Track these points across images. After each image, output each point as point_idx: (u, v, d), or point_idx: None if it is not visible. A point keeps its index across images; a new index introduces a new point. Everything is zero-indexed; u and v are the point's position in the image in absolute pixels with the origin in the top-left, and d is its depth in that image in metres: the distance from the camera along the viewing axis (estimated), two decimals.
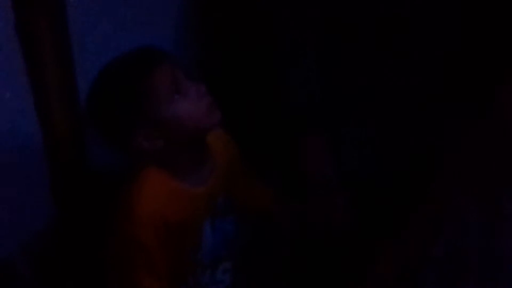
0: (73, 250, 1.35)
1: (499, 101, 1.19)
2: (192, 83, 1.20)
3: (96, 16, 1.28)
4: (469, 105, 1.36)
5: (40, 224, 1.30)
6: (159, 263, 1.18)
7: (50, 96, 1.21)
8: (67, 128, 1.26)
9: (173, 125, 1.17)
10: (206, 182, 1.27)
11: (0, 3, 1.10)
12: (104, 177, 1.37)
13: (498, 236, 1.16)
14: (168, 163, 1.21)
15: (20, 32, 1.14)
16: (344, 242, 1.40)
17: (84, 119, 1.29)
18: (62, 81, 1.22)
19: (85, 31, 1.26)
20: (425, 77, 1.40)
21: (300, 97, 1.36)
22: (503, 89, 1.19)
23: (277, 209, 1.45)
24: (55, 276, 1.35)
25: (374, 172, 1.44)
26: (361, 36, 1.34)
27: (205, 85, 1.20)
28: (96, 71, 1.22)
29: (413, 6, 1.31)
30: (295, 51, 1.34)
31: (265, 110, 1.56)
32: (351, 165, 1.44)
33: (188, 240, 1.25)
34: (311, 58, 1.35)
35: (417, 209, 1.27)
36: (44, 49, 1.17)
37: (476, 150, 1.23)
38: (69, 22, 1.20)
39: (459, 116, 1.39)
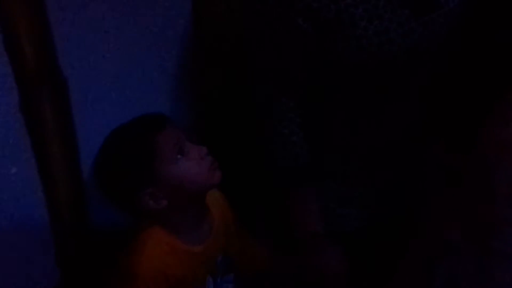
0: None
1: (481, 140, 1.21)
2: (194, 145, 1.27)
3: (97, 93, 1.33)
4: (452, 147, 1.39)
5: None
6: None
7: (54, 168, 1.26)
8: (70, 199, 1.31)
9: (177, 184, 1.24)
10: (204, 241, 1.32)
11: (5, 85, 1.16)
12: (106, 240, 1.40)
13: (490, 273, 1.16)
14: (170, 222, 1.27)
15: (24, 111, 1.20)
16: None
17: (86, 186, 1.33)
18: (65, 155, 1.27)
19: (87, 106, 1.32)
20: (408, 128, 1.43)
21: (285, 158, 1.38)
22: (484, 128, 1.21)
23: (273, 266, 1.48)
24: None
25: (361, 226, 1.47)
26: (344, 89, 1.37)
27: (206, 147, 1.27)
28: (97, 144, 1.29)
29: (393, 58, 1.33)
30: (279, 112, 1.37)
31: (256, 168, 1.60)
32: (338, 221, 1.46)
33: None
34: (294, 119, 1.37)
35: (407, 253, 1.29)
36: (48, 125, 1.23)
37: (462, 191, 1.25)
38: (71, 100, 1.26)
39: (442, 160, 1.42)
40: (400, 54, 1.33)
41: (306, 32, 1.29)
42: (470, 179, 1.24)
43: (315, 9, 1.27)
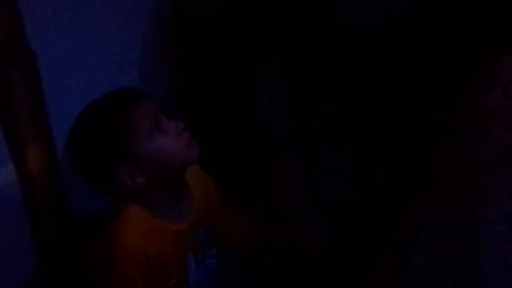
0: None
1: (464, 108, 1.22)
2: (171, 120, 1.23)
3: (68, 66, 1.30)
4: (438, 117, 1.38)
5: (22, 273, 1.29)
6: None
7: (25, 144, 1.22)
8: (44, 176, 1.26)
9: (154, 161, 1.20)
10: (186, 218, 1.29)
11: None
12: (84, 220, 1.37)
13: (472, 239, 1.17)
14: (149, 200, 1.24)
15: None
16: (323, 266, 1.40)
17: (61, 164, 1.29)
18: (36, 130, 1.23)
19: (57, 79, 1.28)
20: (393, 94, 1.41)
21: (265, 128, 1.37)
22: (467, 96, 1.21)
23: (257, 239, 1.46)
24: None
25: (350, 196, 1.45)
26: (327, 57, 1.35)
27: (183, 123, 1.24)
28: (70, 119, 1.25)
29: (378, 25, 1.32)
30: (258, 80, 1.36)
31: (237, 139, 1.58)
32: (326, 191, 1.45)
33: (172, 276, 1.25)
34: (274, 87, 1.36)
35: (394, 224, 1.29)
36: (17, 100, 1.19)
37: (447, 161, 1.24)
38: (41, 73, 1.22)
39: (429, 130, 1.41)
40: (377, 19, 1.31)
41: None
42: (454, 147, 1.24)
43: None
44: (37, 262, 1.32)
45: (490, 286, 1.15)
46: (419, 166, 1.37)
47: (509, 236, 1.14)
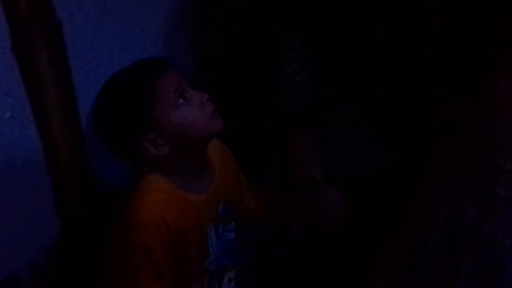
0: (79, 267, 1.36)
1: (487, 92, 1.21)
2: (196, 91, 1.24)
3: (92, 35, 1.30)
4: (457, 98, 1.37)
5: (45, 240, 1.31)
6: (165, 269, 1.20)
7: (50, 113, 1.23)
8: (68, 144, 1.27)
9: (178, 130, 1.21)
10: (206, 190, 1.30)
11: None
12: (107, 190, 1.38)
13: (490, 217, 1.18)
14: (171, 170, 1.25)
15: (17, 52, 1.16)
16: (341, 239, 1.40)
17: (85, 132, 1.30)
18: (61, 98, 1.24)
19: (82, 49, 1.28)
20: (413, 74, 1.41)
21: (286, 97, 1.37)
22: (491, 81, 1.20)
23: (274, 213, 1.46)
24: None
25: (365, 171, 1.45)
26: (347, 34, 1.35)
27: (208, 94, 1.24)
28: (95, 88, 1.26)
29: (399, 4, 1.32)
30: (282, 50, 1.35)
31: (258, 112, 1.57)
32: (342, 164, 1.45)
33: (192, 247, 1.27)
34: (298, 58, 1.36)
35: (413, 200, 1.28)
36: (42, 68, 1.19)
37: (469, 137, 1.25)
38: (66, 41, 1.23)
39: (445, 114, 1.40)
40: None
41: None
42: (472, 129, 1.25)
43: None
44: (60, 229, 1.34)
45: (507, 267, 1.15)
46: (435, 147, 1.36)
47: None
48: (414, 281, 1.29)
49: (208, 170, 1.33)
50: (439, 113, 1.44)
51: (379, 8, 1.31)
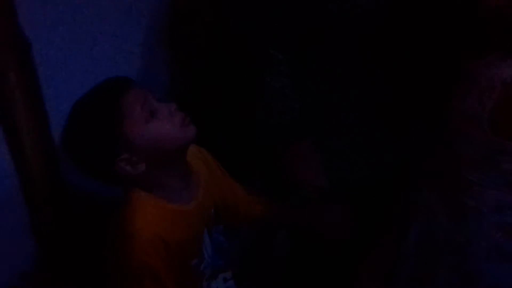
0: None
1: (445, 112, 1.25)
2: (163, 103, 1.23)
3: (64, 52, 1.29)
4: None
5: (22, 262, 1.30)
6: (169, 284, 1.20)
7: (21, 133, 1.22)
8: (41, 164, 1.26)
9: (151, 145, 1.20)
10: (195, 197, 1.29)
11: None
12: (83, 207, 1.38)
13: (462, 226, 1.21)
14: (155, 185, 1.23)
15: None
16: (340, 247, 1.41)
17: (58, 153, 1.29)
18: (32, 118, 1.23)
19: (53, 67, 1.27)
20: (388, 86, 1.43)
21: (279, 112, 1.37)
22: (447, 100, 1.25)
23: (269, 214, 1.46)
24: None
25: (350, 181, 1.46)
26: (330, 44, 1.36)
27: (176, 104, 1.23)
28: (67, 107, 1.24)
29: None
30: (268, 66, 1.36)
31: (236, 124, 1.57)
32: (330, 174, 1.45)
33: (190, 255, 1.27)
34: (284, 72, 1.36)
35: (392, 209, 1.31)
36: (12, 89, 1.18)
37: (440, 153, 1.28)
38: (36, 62, 1.21)
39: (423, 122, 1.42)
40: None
41: None
42: (439, 147, 1.29)
43: None
44: (37, 249, 1.33)
45: (482, 273, 1.17)
46: (412, 159, 1.37)
47: (502, 224, 1.15)
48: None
49: (192, 177, 1.32)
50: (412, 132, 1.46)
51: (356, 19, 1.33)
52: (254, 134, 1.51)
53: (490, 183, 1.16)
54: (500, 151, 1.14)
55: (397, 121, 1.47)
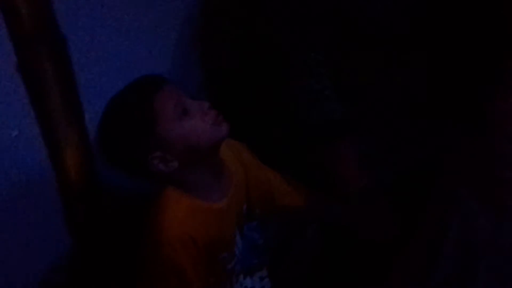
0: (90, 282, 1.36)
1: (486, 110, 1.23)
2: (196, 101, 1.23)
3: (97, 51, 1.30)
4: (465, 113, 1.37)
5: (56, 257, 1.31)
6: (194, 282, 1.20)
7: (57, 129, 1.23)
8: (76, 160, 1.27)
9: (183, 143, 1.20)
10: (227, 194, 1.29)
11: (1, 47, 1.13)
12: (118, 204, 1.39)
13: (502, 227, 1.18)
14: (187, 183, 1.24)
15: (22, 70, 1.16)
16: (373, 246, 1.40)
17: (93, 148, 1.31)
18: (68, 115, 1.24)
19: (88, 64, 1.28)
20: (422, 84, 1.41)
21: (321, 113, 1.36)
22: (488, 99, 1.22)
23: (308, 206, 1.45)
24: None
25: (380, 180, 1.43)
26: (367, 43, 1.35)
27: (209, 102, 1.23)
28: (101, 103, 1.25)
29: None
30: (308, 68, 1.35)
31: (274, 124, 1.57)
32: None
33: (220, 253, 1.27)
34: (324, 73, 1.35)
35: (424, 210, 1.29)
36: (48, 85, 1.19)
37: (475, 152, 1.25)
38: (72, 57, 1.22)
39: (458, 122, 1.40)
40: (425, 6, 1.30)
41: None
42: (477, 145, 1.25)
43: None
44: (71, 244, 1.34)
45: None
46: (447, 159, 1.36)
47: None
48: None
49: (225, 174, 1.32)
50: (442, 130, 1.44)
51: (395, 17, 1.31)
52: (288, 134, 1.51)
53: None
54: None
55: (433, 120, 1.44)
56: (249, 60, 1.58)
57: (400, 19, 1.33)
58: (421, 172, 1.43)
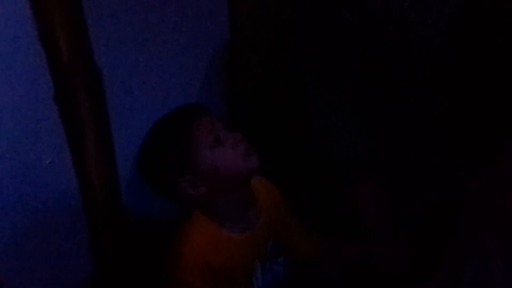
0: None
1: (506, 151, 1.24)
2: (230, 132, 1.29)
3: (131, 82, 1.34)
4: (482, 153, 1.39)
5: (79, 279, 1.34)
6: None
7: (88, 159, 1.27)
8: (104, 189, 1.31)
9: (213, 171, 1.26)
10: (253, 227, 1.33)
11: (40, 77, 1.17)
12: (141, 231, 1.42)
13: None
14: (213, 210, 1.28)
15: (58, 102, 1.20)
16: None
17: (121, 177, 1.34)
18: (100, 145, 1.28)
19: (121, 96, 1.32)
20: (445, 125, 1.43)
21: (343, 149, 1.38)
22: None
23: (323, 253, 1.48)
24: None
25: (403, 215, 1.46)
26: (390, 82, 1.37)
27: (242, 134, 1.29)
28: (132, 134, 1.32)
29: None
30: (331, 105, 1.37)
31: (291, 153, 1.60)
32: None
33: (237, 284, 1.30)
34: (347, 110, 1.37)
35: (443, 248, 1.31)
36: (83, 116, 1.23)
37: (494, 191, 1.28)
38: (106, 91, 1.27)
39: (475, 161, 1.41)
40: (448, 47, 1.31)
41: (353, 25, 1.29)
42: (497, 186, 1.29)
43: (362, 1, 1.27)
44: (94, 268, 1.37)
45: None
46: (465, 198, 1.37)
47: None
48: None
49: (255, 208, 1.35)
50: (464, 164, 1.46)
51: (418, 60, 1.33)
52: (311, 168, 1.54)
53: None
54: None
55: (454, 158, 1.46)
56: (273, 96, 1.62)
57: (423, 62, 1.35)
58: (440, 210, 1.45)
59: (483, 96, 1.41)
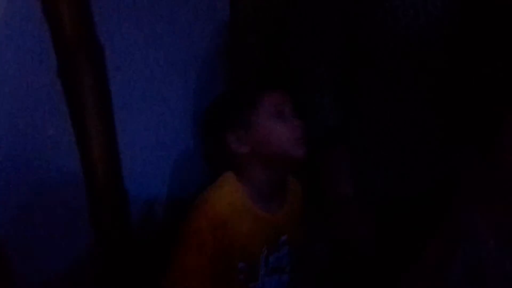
0: (113, 279, 1.41)
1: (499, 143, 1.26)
2: (294, 116, 1.35)
3: (132, 59, 1.35)
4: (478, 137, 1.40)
5: (80, 252, 1.37)
6: (207, 261, 1.27)
7: (90, 132, 1.29)
8: (105, 162, 1.33)
9: (262, 138, 1.32)
10: (275, 212, 1.36)
11: (44, 51, 1.19)
12: (138, 207, 1.44)
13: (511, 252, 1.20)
14: (247, 177, 1.33)
15: (62, 75, 1.22)
16: (366, 262, 1.42)
17: (123, 154, 1.36)
18: (101, 119, 1.29)
19: (122, 72, 1.34)
20: (433, 107, 1.44)
21: (316, 121, 1.41)
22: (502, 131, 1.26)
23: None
24: None
25: (395, 194, 1.47)
26: (376, 67, 1.39)
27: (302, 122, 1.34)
28: (133, 110, 1.34)
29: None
30: (320, 82, 1.40)
31: None
32: (373, 186, 1.47)
33: (242, 259, 1.32)
34: (329, 88, 1.40)
35: (434, 230, 1.32)
36: (85, 91, 1.25)
37: (488, 176, 1.29)
38: (108, 65, 1.28)
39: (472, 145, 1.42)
40: (436, 29, 1.32)
41: (346, 2, 1.32)
42: (495, 168, 1.30)
43: None
44: (93, 241, 1.39)
45: None
46: (455, 179, 1.39)
47: None
48: None
49: (283, 197, 1.40)
50: (456, 149, 1.47)
51: (408, 41, 1.34)
52: None
53: None
54: None
55: (444, 142, 1.47)
56: (271, 75, 1.63)
57: (412, 43, 1.35)
58: (433, 192, 1.46)
59: (478, 82, 1.41)
